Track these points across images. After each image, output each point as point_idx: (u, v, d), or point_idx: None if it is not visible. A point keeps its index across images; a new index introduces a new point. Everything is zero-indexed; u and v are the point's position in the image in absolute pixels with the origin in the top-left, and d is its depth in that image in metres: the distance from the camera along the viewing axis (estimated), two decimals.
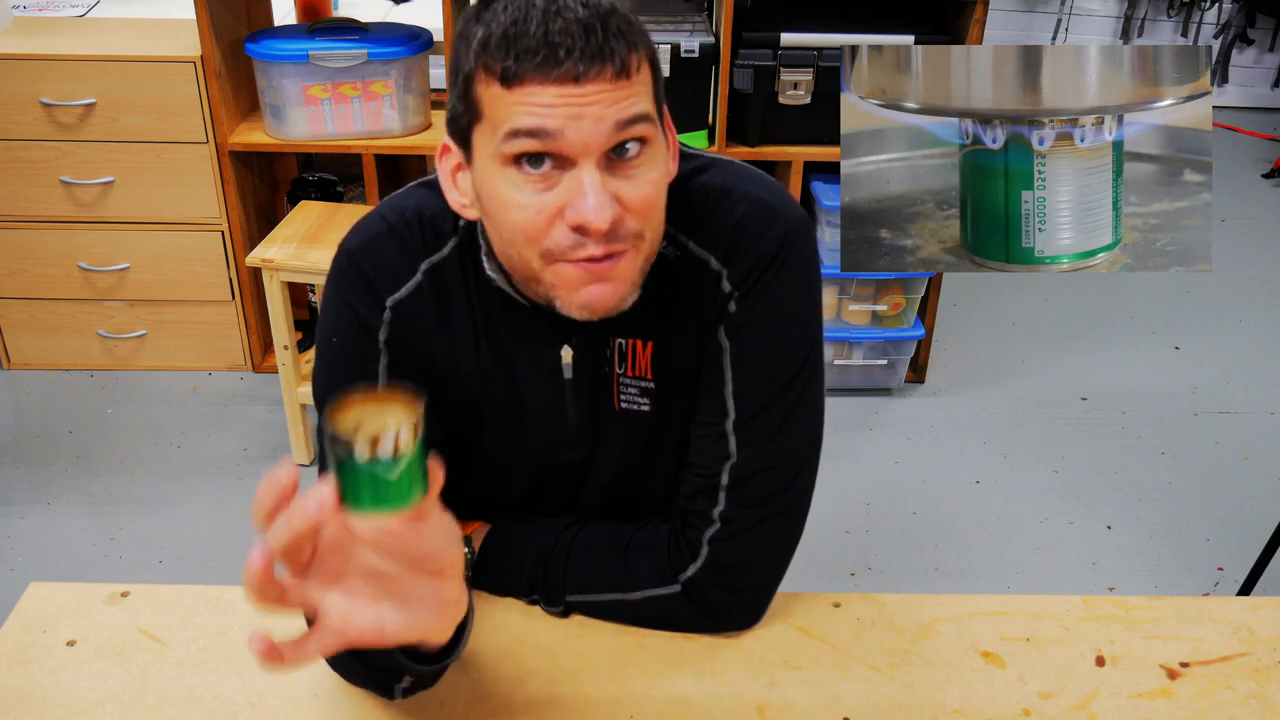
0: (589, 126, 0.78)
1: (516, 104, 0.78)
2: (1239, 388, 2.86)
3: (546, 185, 0.81)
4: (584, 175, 0.79)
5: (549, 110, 0.77)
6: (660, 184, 0.85)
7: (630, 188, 0.82)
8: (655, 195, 0.84)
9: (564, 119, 0.77)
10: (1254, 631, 1.03)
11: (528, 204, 0.81)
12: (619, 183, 0.81)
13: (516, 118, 0.78)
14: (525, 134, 0.78)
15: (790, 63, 2.46)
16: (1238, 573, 2.15)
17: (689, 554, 0.98)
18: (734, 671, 0.97)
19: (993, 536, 2.33)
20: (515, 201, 0.81)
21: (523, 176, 0.81)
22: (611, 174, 0.81)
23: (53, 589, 1.05)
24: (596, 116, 0.78)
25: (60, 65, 2.46)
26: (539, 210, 0.81)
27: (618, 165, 0.81)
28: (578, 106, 0.77)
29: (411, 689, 0.89)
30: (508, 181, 0.81)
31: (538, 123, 0.78)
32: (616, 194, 0.81)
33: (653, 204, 0.84)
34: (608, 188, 0.80)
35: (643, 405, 0.99)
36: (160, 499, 2.39)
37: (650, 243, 0.86)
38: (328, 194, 2.80)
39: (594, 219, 0.79)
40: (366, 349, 0.95)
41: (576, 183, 0.80)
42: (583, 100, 0.77)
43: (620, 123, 0.79)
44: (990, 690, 0.96)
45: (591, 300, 0.85)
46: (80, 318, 2.76)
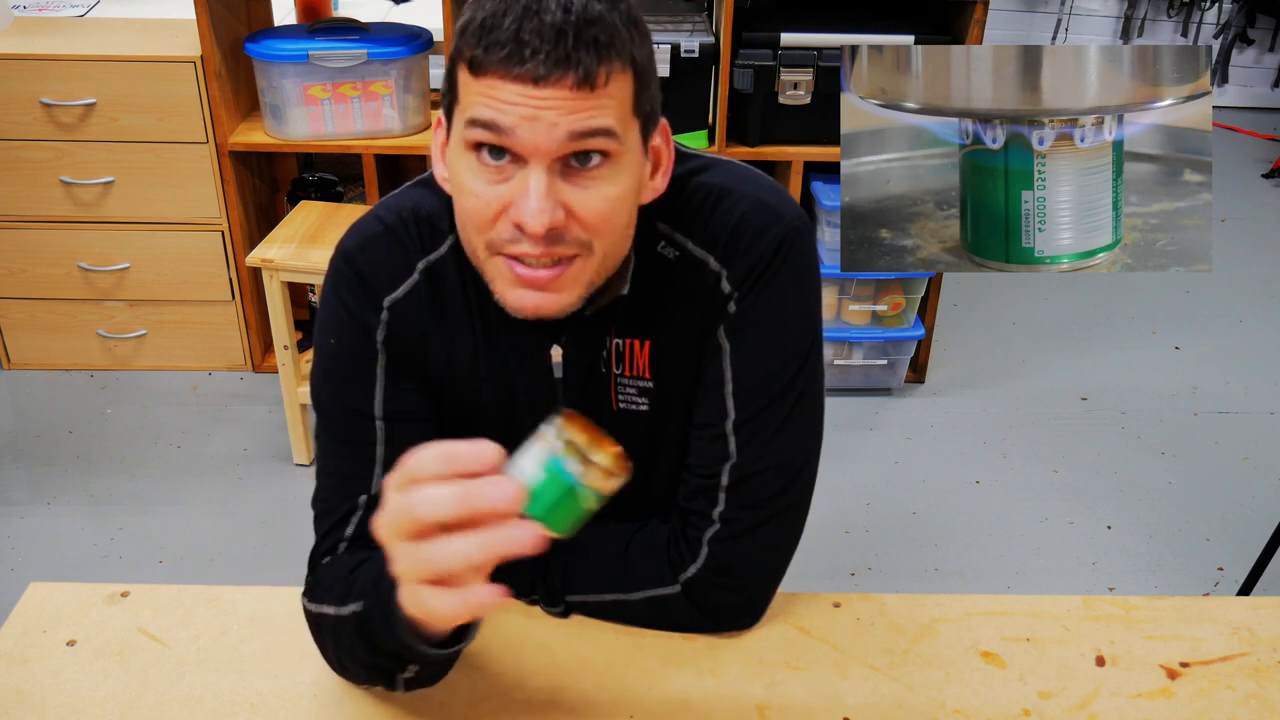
0: (542, 130, 0.78)
1: (479, 94, 0.79)
2: (1239, 388, 2.86)
3: (501, 178, 0.81)
4: (530, 176, 0.80)
5: (507, 106, 0.78)
6: (619, 200, 0.83)
7: (582, 198, 0.82)
8: (608, 210, 0.83)
9: (519, 118, 0.78)
10: (1254, 631, 1.03)
11: (480, 193, 0.82)
12: (572, 190, 0.81)
13: (476, 107, 0.79)
14: (482, 125, 0.79)
15: (790, 63, 2.46)
16: (1238, 573, 2.16)
17: (689, 554, 0.98)
18: (734, 671, 0.97)
19: (993, 536, 2.33)
20: (470, 188, 0.82)
21: (481, 165, 0.82)
22: (566, 180, 0.81)
23: (53, 589, 1.05)
24: (550, 122, 0.78)
25: (60, 65, 2.46)
26: (488, 201, 0.82)
27: (576, 173, 0.81)
28: (534, 108, 0.77)
29: (415, 679, 0.88)
30: (469, 167, 0.82)
31: (493, 116, 0.78)
32: (566, 201, 0.81)
33: (604, 218, 0.83)
34: (558, 193, 0.80)
35: (641, 405, 0.99)
36: (160, 499, 2.39)
37: (602, 256, 0.85)
38: (328, 194, 2.80)
39: (530, 222, 0.79)
40: (364, 349, 0.95)
41: (524, 182, 0.80)
42: (539, 103, 0.77)
43: (575, 133, 0.79)
44: (990, 690, 0.96)
45: (524, 304, 0.86)
46: (80, 318, 2.76)
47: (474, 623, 0.84)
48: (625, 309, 0.95)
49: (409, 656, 0.83)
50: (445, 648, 0.83)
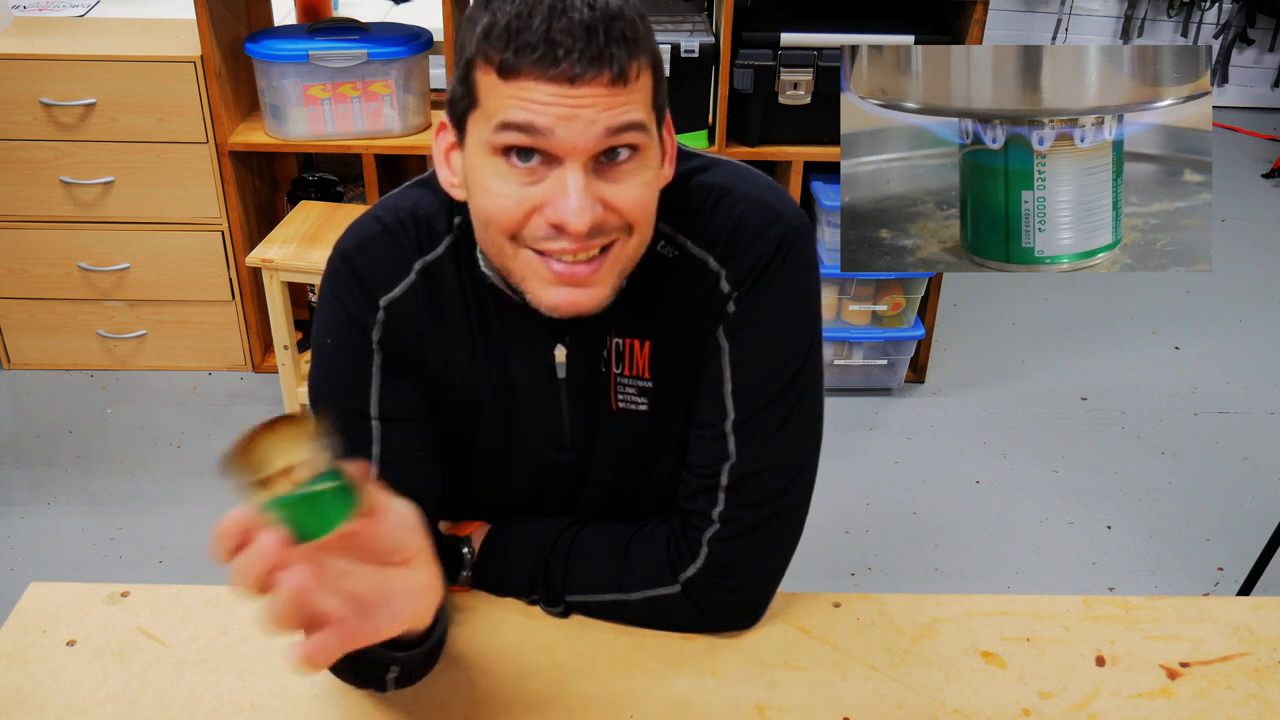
0: (580, 129, 0.78)
1: (511, 97, 0.78)
2: (1239, 388, 2.86)
3: (532, 180, 0.81)
4: (569, 176, 0.80)
5: (542, 108, 0.78)
6: (649, 187, 0.85)
7: (617, 191, 0.82)
8: (643, 197, 0.84)
9: (555, 118, 0.78)
10: (1254, 631, 1.03)
11: (509, 194, 0.82)
12: (606, 185, 0.82)
13: (509, 110, 0.79)
14: (516, 128, 0.79)
15: (790, 63, 2.46)
16: (1238, 573, 2.15)
17: (689, 554, 0.98)
18: (734, 671, 0.97)
19: (993, 536, 2.33)
20: (498, 190, 0.82)
21: (510, 168, 0.81)
22: (599, 176, 0.81)
23: (53, 589, 1.05)
24: (588, 120, 0.78)
25: (60, 65, 2.46)
26: (519, 202, 0.82)
27: (607, 168, 0.82)
28: (570, 108, 0.77)
29: (401, 678, 0.89)
30: (495, 171, 0.82)
31: (529, 118, 0.78)
32: (602, 196, 0.81)
33: (641, 206, 0.84)
34: (593, 190, 0.81)
35: (640, 405, 0.99)
36: (160, 499, 2.39)
37: (636, 242, 0.86)
38: (328, 194, 2.79)
39: (573, 221, 0.80)
40: (361, 349, 0.95)
41: (561, 182, 0.80)
42: (576, 102, 0.77)
43: (611, 129, 0.79)
44: (990, 690, 0.96)
45: (561, 303, 0.86)
46: (80, 318, 2.76)
47: (440, 618, 0.85)
48: (625, 308, 0.95)
49: (384, 660, 0.84)
50: (414, 648, 0.83)
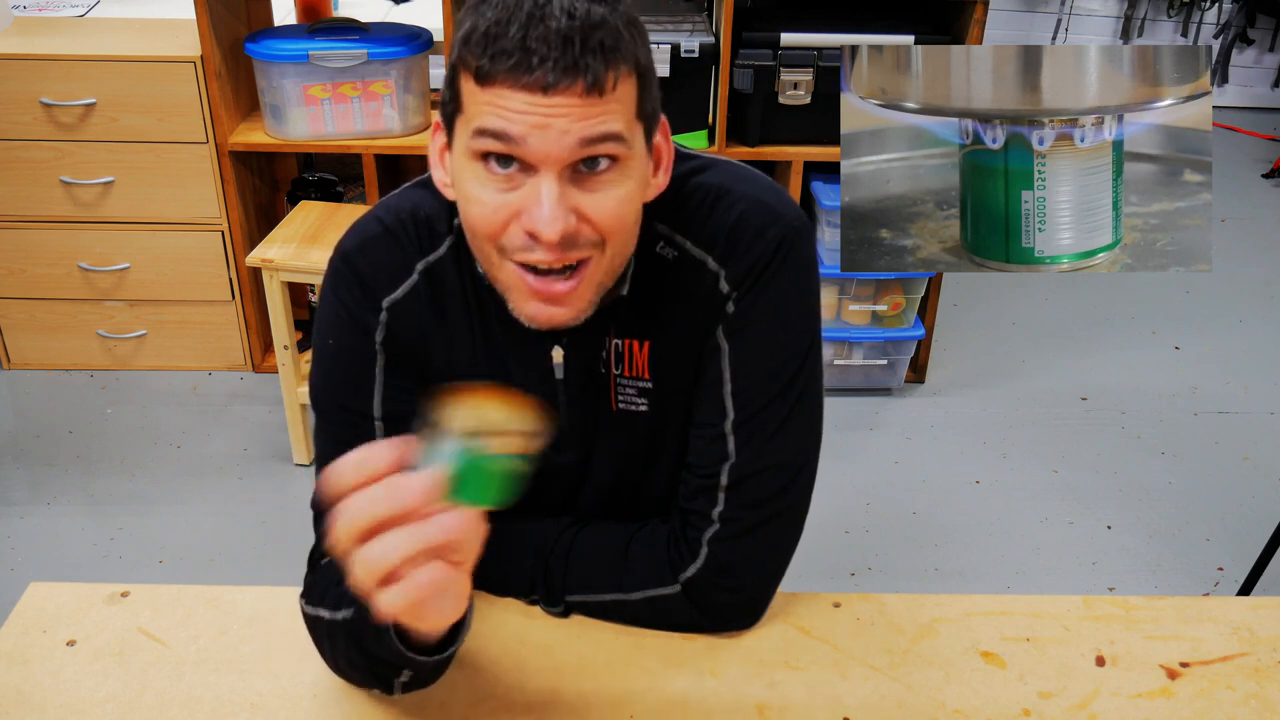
0: (553, 138, 0.78)
1: (486, 103, 0.79)
2: (1239, 388, 2.86)
3: (510, 186, 0.81)
4: (543, 185, 0.80)
5: (516, 115, 0.78)
6: (628, 201, 0.84)
7: (593, 201, 0.82)
8: (619, 211, 0.83)
9: (529, 127, 0.78)
10: (1254, 631, 1.03)
11: (488, 201, 0.82)
12: (582, 195, 0.81)
13: (485, 117, 0.79)
14: (491, 134, 0.79)
15: (790, 63, 2.46)
16: (1238, 573, 2.16)
17: (688, 554, 0.98)
18: (734, 671, 0.97)
19: (993, 536, 2.33)
20: (477, 197, 0.82)
21: (489, 174, 0.81)
22: (577, 185, 0.81)
23: (53, 589, 1.05)
24: (562, 130, 0.78)
25: (60, 65, 2.46)
26: (496, 209, 0.82)
27: (585, 177, 0.81)
28: (544, 117, 0.77)
29: (410, 683, 0.88)
30: (475, 176, 0.82)
31: (502, 125, 0.78)
32: (577, 206, 0.81)
33: (616, 219, 0.83)
34: (569, 199, 0.80)
35: (640, 406, 0.99)
36: (160, 499, 2.39)
37: (613, 256, 0.86)
38: (328, 194, 2.80)
39: (545, 230, 0.79)
40: (363, 350, 0.95)
41: (535, 191, 0.80)
42: (549, 111, 0.77)
43: (586, 139, 0.79)
44: (990, 690, 0.96)
45: (538, 316, 0.86)
46: (80, 318, 2.76)
47: (462, 628, 0.85)
48: (624, 309, 0.95)
49: (400, 663, 0.83)
50: (435, 654, 0.83)
